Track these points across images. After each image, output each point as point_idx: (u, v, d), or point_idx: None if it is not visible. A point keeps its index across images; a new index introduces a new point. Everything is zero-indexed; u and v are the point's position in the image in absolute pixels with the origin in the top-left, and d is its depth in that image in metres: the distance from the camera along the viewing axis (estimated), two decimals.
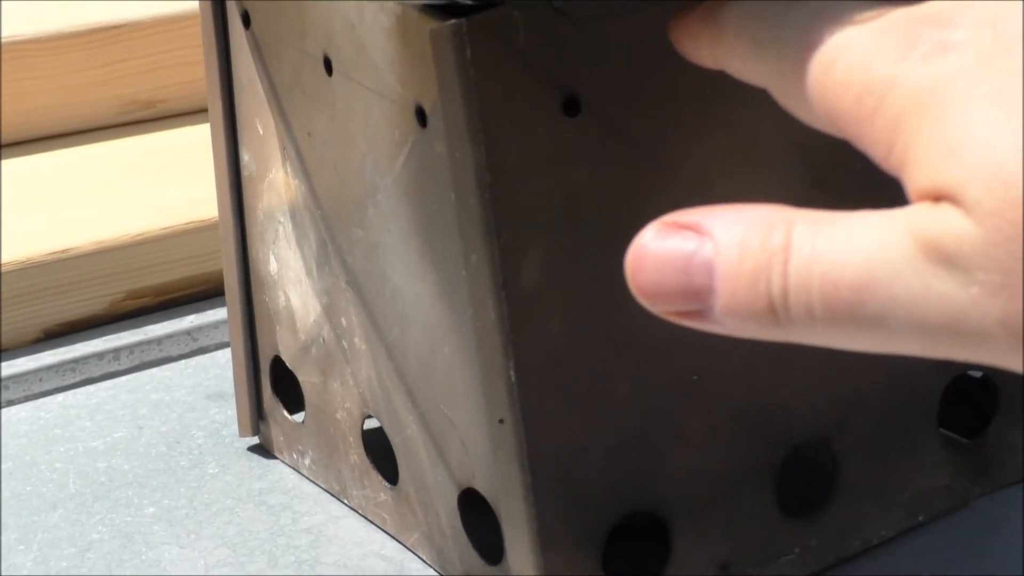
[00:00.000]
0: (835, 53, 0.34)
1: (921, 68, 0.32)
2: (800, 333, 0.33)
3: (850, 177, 0.52)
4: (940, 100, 0.32)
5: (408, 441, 0.55)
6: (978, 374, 0.59)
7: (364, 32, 0.51)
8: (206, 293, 0.81)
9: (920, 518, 0.57)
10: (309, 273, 0.59)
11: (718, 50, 0.40)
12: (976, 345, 0.31)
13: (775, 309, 0.33)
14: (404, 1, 0.48)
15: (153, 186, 0.86)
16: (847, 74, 0.34)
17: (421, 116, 0.49)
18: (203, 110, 0.63)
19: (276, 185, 0.60)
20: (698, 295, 0.34)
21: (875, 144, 0.34)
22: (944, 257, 0.30)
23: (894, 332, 0.32)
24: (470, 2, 0.46)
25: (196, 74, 0.98)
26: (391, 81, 0.50)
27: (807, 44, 0.35)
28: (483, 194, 0.46)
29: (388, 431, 0.57)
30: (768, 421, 0.53)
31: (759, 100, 0.49)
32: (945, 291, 0.31)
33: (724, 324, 0.34)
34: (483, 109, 0.46)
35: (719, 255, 0.33)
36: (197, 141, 0.93)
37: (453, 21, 0.46)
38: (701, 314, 0.34)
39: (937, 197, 0.31)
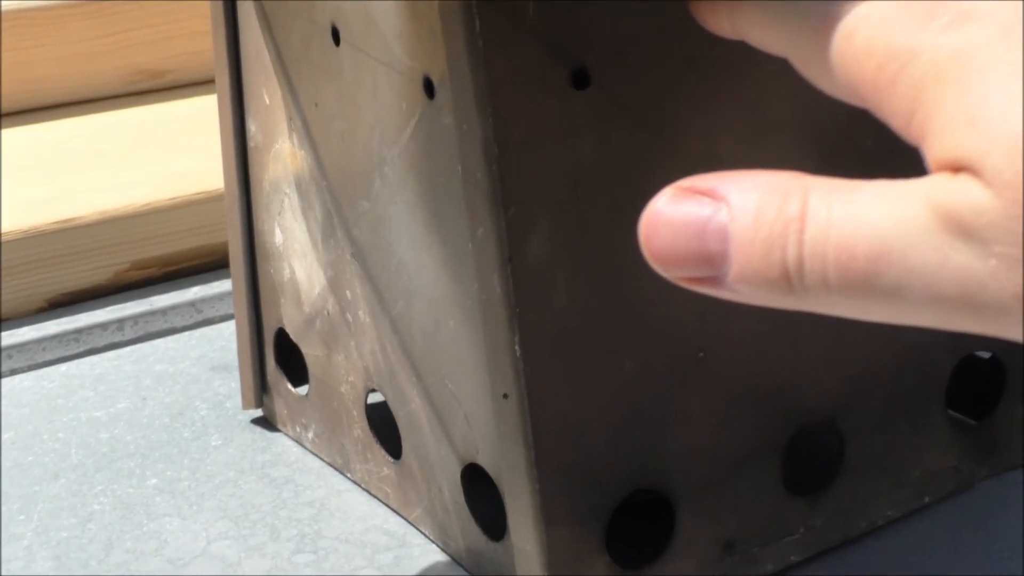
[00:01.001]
0: (856, 22, 0.34)
1: (942, 38, 0.32)
2: (814, 302, 0.33)
3: (860, 152, 0.52)
4: (961, 70, 0.31)
5: (412, 415, 0.55)
6: (986, 355, 0.59)
7: (373, 3, 0.51)
8: (211, 264, 0.81)
9: (926, 499, 0.57)
10: (314, 245, 0.58)
11: (737, 19, 0.39)
12: (992, 318, 0.30)
13: (790, 277, 0.32)
14: None
15: (159, 156, 0.86)
16: (868, 43, 0.34)
17: (429, 88, 0.49)
18: (210, 80, 0.62)
19: (282, 156, 0.59)
20: (712, 261, 0.34)
21: (895, 114, 0.33)
22: (962, 229, 0.30)
23: (909, 303, 0.31)
24: None
25: (203, 44, 0.97)
26: (399, 53, 0.50)
27: (828, 12, 0.35)
28: (490, 167, 0.46)
29: (392, 405, 0.56)
30: (774, 399, 0.52)
31: (769, 74, 0.49)
32: (963, 263, 0.30)
33: (737, 291, 0.34)
34: (491, 82, 0.46)
35: (734, 221, 0.33)
36: (204, 111, 0.93)
37: None
38: (714, 280, 0.34)
39: (956, 168, 0.31)
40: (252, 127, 0.61)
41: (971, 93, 0.31)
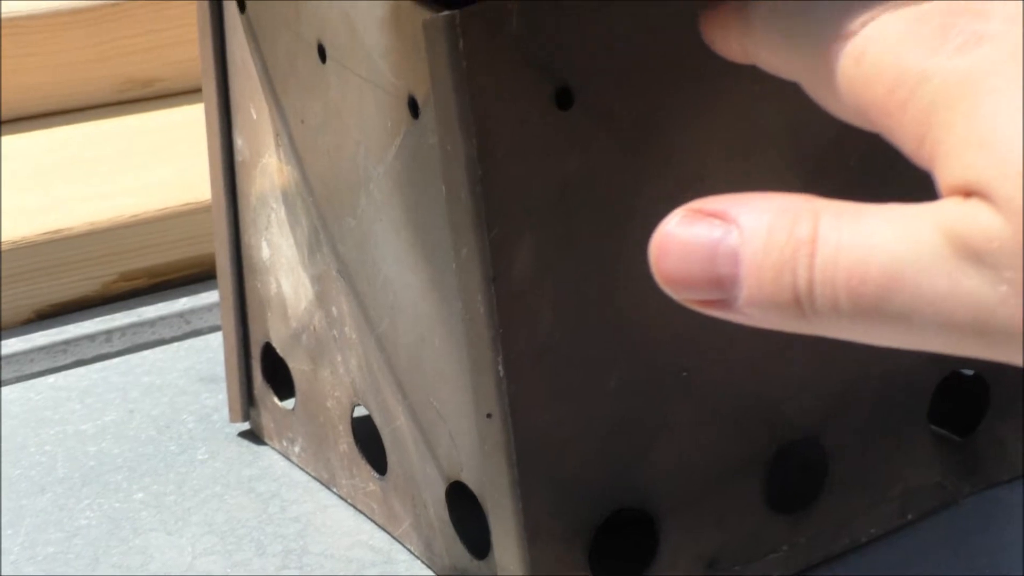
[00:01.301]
0: (866, 44, 0.34)
1: (953, 60, 0.32)
2: (825, 326, 0.32)
3: (848, 168, 0.52)
4: (972, 93, 0.31)
5: (397, 432, 0.55)
6: (970, 372, 0.59)
7: (358, 20, 0.51)
8: (200, 275, 0.81)
9: (909, 516, 0.57)
10: (301, 260, 0.59)
11: (748, 42, 0.39)
12: (1001, 345, 0.30)
13: (800, 301, 0.32)
14: None
15: (148, 166, 0.86)
16: (878, 65, 0.33)
17: (414, 107, 0.49)
18: (200, 89, 0.63)
19: (269, 171, 0.59)
20: (722, 284, 0.33)
21: (905, 137, 0.33)
22: (973, 254, 0.30)
23: (919, 328, 0.31)
24: None
25: (194, 52, 0.96)
26: (384, 71, 0.50)
27: (837, 35, 0.35)
28: (474, 187, 0.46)
29: (377, 421, 0.56)
30: (758, 417, 0.52)
31: (755, 90, 0.49)
32: (973, 289, 0.30)
33: (748, 314, 0.33)
34: (475, 101, 0.46)
35: (745, 244, 0.33)
36: (194, 120, 0.92)
37: (447, 13, 0.45)
38: (725, 303, 0.34)
39: (967, 192, 0.30)
40: (239, 141, 0.61)
41: (982, 117, 0.30)
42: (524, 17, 0.46)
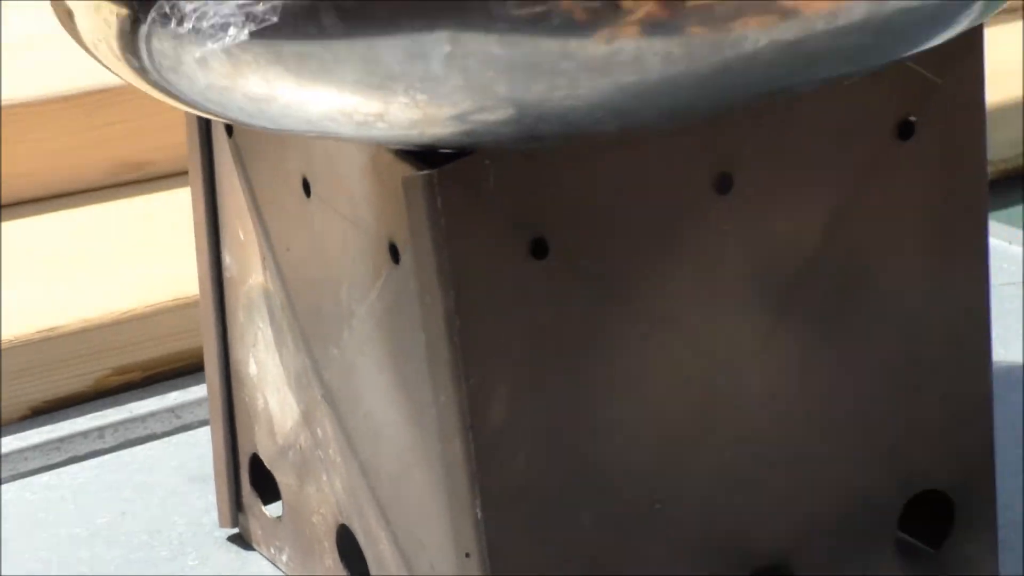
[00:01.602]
0: None
1: None
2: None
3: (811, 306, 0.54)
4: None
5: (380, 556, 0.57)
6: (939, 487, 0.60)
7: (340, 164, 0.53)
8: (193, 367, 0.82)
9: None
10: (287, 380, 0.60)
11: None
12: None
13: None
14: (379, 142, 0.50)
15: (140, 259, 0.87)
16: None
17: (394, 253, 0.51)
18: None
19: (256, 291, 0.61)
20: None
21: None
22: None
23: None
24: (447, 151, 0.48)
25: (184, 136, 0.99)
26: (365, 214, 0.52)
27: None
28: (452, 339, 0.48)
29: (361, 542, 0.58)
30: (728, 545, 0.54)
31: (720, 234, 0.51)
32: None
33: None
34: (454, 256, 0.48)
35: None
36: (184, 205, 0.94)
37: (426, 172, 0.47)
38: None
39: None
40: (227, 259, 0.63)
41: None
42: (500, 173, 0.48)
